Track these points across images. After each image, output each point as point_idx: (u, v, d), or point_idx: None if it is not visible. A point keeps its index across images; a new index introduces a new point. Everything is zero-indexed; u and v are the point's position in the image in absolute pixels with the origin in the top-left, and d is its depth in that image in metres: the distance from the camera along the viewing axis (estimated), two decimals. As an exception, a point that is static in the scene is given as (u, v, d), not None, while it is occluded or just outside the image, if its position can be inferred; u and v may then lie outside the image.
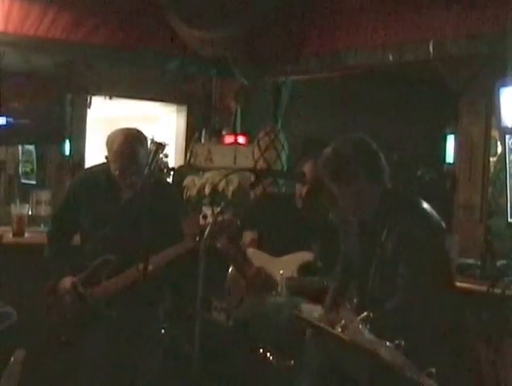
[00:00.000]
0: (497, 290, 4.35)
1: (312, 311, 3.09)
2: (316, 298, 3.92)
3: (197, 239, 4.07)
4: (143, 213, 3.89)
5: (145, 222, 3.77)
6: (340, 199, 3.49)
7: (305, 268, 4.40)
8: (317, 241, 4.38)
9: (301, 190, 4.65)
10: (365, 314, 2.59)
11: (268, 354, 4.30)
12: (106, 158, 4.27)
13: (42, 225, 6.10)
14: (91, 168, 4.76)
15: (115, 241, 4.20)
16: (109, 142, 4.23)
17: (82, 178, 4.53)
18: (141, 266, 3.94)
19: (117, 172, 4.19)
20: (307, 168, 4.67)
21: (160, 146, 5.08)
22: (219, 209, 4.09)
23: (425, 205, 3.46)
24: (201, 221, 4.11)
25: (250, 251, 4.78)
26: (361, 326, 2.51)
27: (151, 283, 3.92)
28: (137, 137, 4.26)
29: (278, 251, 4.60)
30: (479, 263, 4.86)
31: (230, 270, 4.86)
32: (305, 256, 4.45)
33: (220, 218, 4.03)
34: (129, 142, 4.19)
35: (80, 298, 4.15)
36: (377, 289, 3.40)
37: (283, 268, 4.51)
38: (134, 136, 4.25)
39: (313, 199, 4.62)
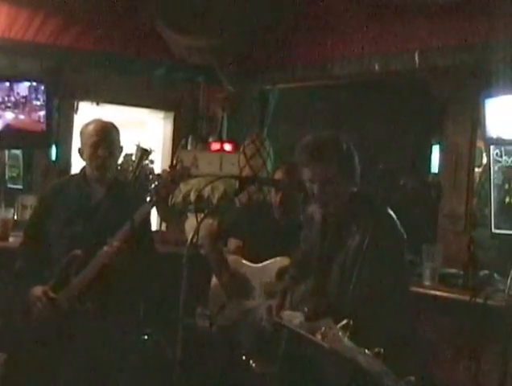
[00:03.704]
0: (480, 300, 4.38)
1: (293, 318, 3.09)
2: None
3: (154, 199, 4.07)
4: (113, 214, 4.01)
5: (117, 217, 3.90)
6: (309, 184, 3.44)
7: (283, 273, 4.43)
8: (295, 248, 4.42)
9: (276, 198, 4.74)
10: (345, 321, 2.60)
11: (250, 361, 4.32)
12: (79, 150, 4.25)
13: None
14: (58, 180, 4.77)
15: (82, 237, 4.12)
16: (85, 129, 4.22)
17: (51, 188, 4.45)
18: (106, 249, 3.97)
19: (91, 157, 4.16)
20: (278, 174, 4.75)
21: (145, 152, 5.09)
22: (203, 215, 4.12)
23: (391, 213, 3.45)
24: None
25: (232, 258, 4.81)
26: (340, 334, 2.52)
27: (121, 270, 3.95)
28: (113, 126, 4.26)
29: (261, 258, 4.64)
30: (462, 273, 4.87)
31: (213, 277, 4.88)
32: (282, 261, 4.49)
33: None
34: (107, 130, 4.21)
35: (52, 303, 4.07)
36: (335, 291, 3.38)
37: (263, 274, 4.57)
38: (111, 125, 4.26)
39: (287, 205, 4.71)
